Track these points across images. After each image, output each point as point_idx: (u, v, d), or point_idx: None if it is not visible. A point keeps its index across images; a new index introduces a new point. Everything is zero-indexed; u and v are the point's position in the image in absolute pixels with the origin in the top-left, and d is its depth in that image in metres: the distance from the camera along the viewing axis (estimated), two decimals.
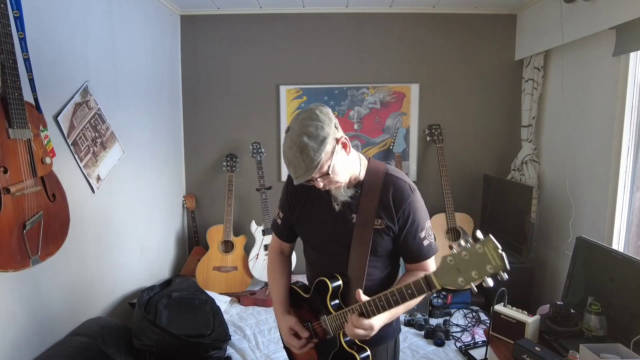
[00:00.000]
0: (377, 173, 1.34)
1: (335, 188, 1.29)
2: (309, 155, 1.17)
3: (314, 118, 1.20)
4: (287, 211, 1.47)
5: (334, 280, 1.33)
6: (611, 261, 1.93)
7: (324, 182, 1.25)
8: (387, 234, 1.32)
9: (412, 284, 1.13)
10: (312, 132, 1.18)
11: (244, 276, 3.31)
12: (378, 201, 1.30)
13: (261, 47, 3.43)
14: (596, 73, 2.50)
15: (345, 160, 1.27)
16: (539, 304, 2.45)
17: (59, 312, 2.01)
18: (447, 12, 3.36)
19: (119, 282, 2.58)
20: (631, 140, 2.27)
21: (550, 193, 3.01)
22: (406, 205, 1.30)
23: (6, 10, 1.50)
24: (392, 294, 1.16)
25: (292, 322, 1.41)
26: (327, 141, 1.19)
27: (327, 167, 1.21)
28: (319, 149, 1.17)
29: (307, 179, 1.21)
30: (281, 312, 1.46)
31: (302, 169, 1.19)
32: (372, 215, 1.30)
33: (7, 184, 1.54)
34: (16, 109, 1.56)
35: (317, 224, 1.39)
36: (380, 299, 1.18)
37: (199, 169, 3.58)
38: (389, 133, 3.52)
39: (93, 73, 2.25)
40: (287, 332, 1.41)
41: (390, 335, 1.44)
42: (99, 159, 2.31)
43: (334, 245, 1.37)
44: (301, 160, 1.18)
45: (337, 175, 1.24)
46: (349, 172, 1.30)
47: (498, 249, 0.96)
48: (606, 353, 1.60)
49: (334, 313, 1.30)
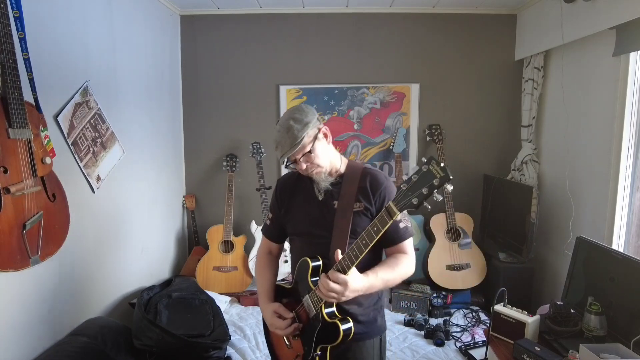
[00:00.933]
0: (356, 169, 1.49)
1: (316, 173, 1.43)
2: (293, 134, 1.36)
3: (300, 109, 1.42)
4: (276, 209, 1.58)
5: (315, 260, 1.41)
6: (611, 261, 1.93)
7: (307, 163, 1.40)
8: (366, 215, 1.42)
9: (375, 220, 1.21)
10: (297, 117, 1.38)
11: (244, 276, 3.31)
12: (357, 188, 1.44)
13: (261, 47, 3.43)
14: (596, 73, 2.50)
15: (326, 148, 1.44)
16: (539, 304, 2.45)
17: (59, 312, 2.01)
18: (447, 12, 3.36)
19: (119, 282, 2.58)
20: (631, 140, 2.27)
21: (550, 193, 3.01)
22: (382, 189, 1.43)
23: (6, 10, 1.51)
24: (360, 238, 1.24)
25: (276, 306, 1.48)
26: (309, 125, 1.38)
27: (309, 148, 1.38)
28: (303, 129, 1.36)
29: (291, 154, 1.37)
30: (265, 301, 1.53)
31: (287, 145, 1.36)
32: (352, 200, 1.42)
33: (7, 184, 1.54)
34: (16, 109, 1.56)
35: (303, 213, 1.51)
36: (352, 249, 1.25)
37: (199, 169, 3.58)
38: (389, 133, 3.52)
39: (93, 73, 2.25)
40: (271, 315, 1.47)
41: (375, 331, 1.50)
42: (99, 159, 2.31)
43: (317, 230, 1.46)
44: (287, 137, 1.36)
45: (318, 157, 1.40)
46: (330, 160, 1.46)
47: (440, 164, 1.07)
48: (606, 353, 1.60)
49: (314, 288, 1.36)
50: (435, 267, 3.15)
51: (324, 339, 1.36)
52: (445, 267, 3.15)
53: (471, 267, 3.16)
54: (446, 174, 1.06)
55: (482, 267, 3.17)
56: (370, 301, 1.48)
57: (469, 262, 3.17)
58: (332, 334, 1.34)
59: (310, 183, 1.49)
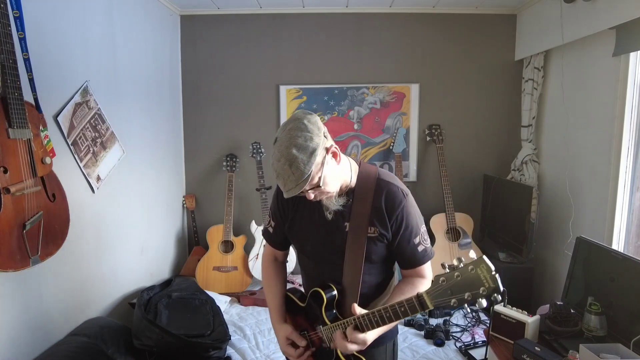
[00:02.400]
0: (369, 178, 1.32)
1: (326, 198, 1.27)
2: (299, 168, 1.13)
3: (302, 128, 1.15)
4: (279, 220, 1.45)
5: (329, 291, 1.32)
6: (611, 261, 1.93)
7: (315, 193, 1.22)
8: (381, 241, 1.30)
9: (405, 303, 1.10)
10: (301, 144, 1.13)
11: (244, 276, 3.31)
12: (370, 207, 1.28)
13: (261, 47, 3.43)
14: (596, 73, 2.50)
15: (335, 169, 1.24)
16: (539, 304, 2.45)
17: (58, 312, 2.01)
18: (447, 12, 3.36)
19: (119, 282, 2.58)
20: (631, 140, 2.27)
21: (550, 193, 3.01)
22: (399, 211, 1.28)
23: (6, 10, 1.50)
24: (385, 311, 1.14)
25: (289, 331, 1.39)
26: (316, 152, 1.14)
27: (317, 179, 1.18)
28: (309, 161, 1.13)
29: (298, 192, 1.17)
30: (277, 321, 1.45)
31: (292, 182, 1.15)
32: (365, 223, 1.28)
33: (7, 184, 1.54)
34: (16, 109, 1.56)
35: (309, 233, 1.37)
36: (374, 314, 1.16)
37: (199, 169, 3.58)
38: (389, 133, 3.52)
39: (93, 73, 2.25)
40: (284, 342, 1.40)
41: (388, 337, 1.42)
42: (99, 159, 2.31)
43: (327, 253, 1.35)
44: (290, 173, 1.13)
45: (327, 185, 1.21)
46: (340, 181, 1.28)
47: (491, 271, 0.95)
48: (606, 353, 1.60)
49: (330, 324, 1.29)
50: (434, 266, 3.14)
51: None
52: None
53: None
54: (497, 285, 0.94)
55: None
56: None
57: None
58: None
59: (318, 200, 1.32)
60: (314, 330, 1.37)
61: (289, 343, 1.40)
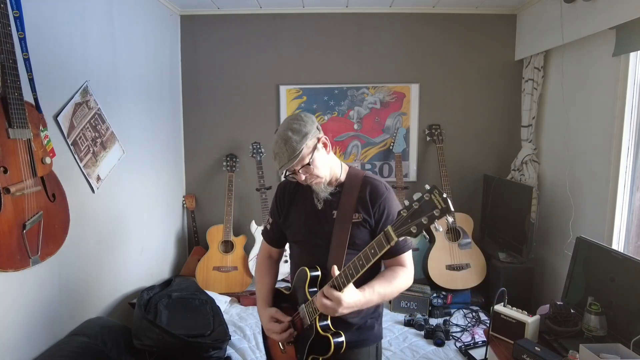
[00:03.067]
0: (357, 176, 1.47)
1: (315, 183, 1.41)
2: (292, 145, 1.32)
3: (298, 119, 1.37)
4: (276, 215, 1.57)
5: (313, 270, 1.41)
6: (611, 261, 1.93)
7: (306, 174, 1.38)
8: (364, 226, 1.41)
9: (373, 243, 1.20)
10: (295, 128, 1.34)
11: (244, 276, 3.31)
12: (356, 198, 1.42)
13: (261, 47, 3.43)
14: (596, 73, 2.50)
15: (325, 158, 1.41)
16: (539, 304, 2.45)
17: (59, 312, 2.01)
18: (447, 12, 3.36)
19: (119, 282, 2.58)
20: (631, 140, 2.27)
21: (550, 193, 3.01)
22: (382, 200, 1.41)
23: (6, 10, 1.51)
24: (358, 259, 1.23)
25: (273, 311, 1.49)
26: (308, 136, 1.34)
27: (307, 160, 1.35)
28: (301, 141, 1.33)
29: (290, 166, 1.34)
30: (262, 306, 1.55)
31: (285, 157, 1.33)
32: (351, 211, 1.40)
33: (7, 184, 1.54)
34: (16, 109, 1.56)
35: (302, 222, 1.49)
36: (348, 267, 1.24)
37: (199, 169, 3.58)
38: (389, 133, 3.52)
39: (93, 73, 2.25)
40: (269, 320, 1.48)
41: (371, 339, 1.49)
42: (99, 159, 2.31)
43: (316, 239, 1.45)
44: (285, 149, 1.33)
45: (317, 168, 1.37)
46: (329, 169, 1.43)
47: (442, 194, 1.05)
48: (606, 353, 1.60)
49: (311, 299, 1.36)
50: (435, 267, 3.15)
51: (316, 350, 1.37)
52: (445, 267, 3.15)
53: (471, 267, 3.16)
54: (447, 205, 1.03)
55: (482, 267, 3.17)
56: (369, 309, 1.46)
57: (468, 262, 3.17)
58: (325, 346, 1.34)
59: (310, 191, 1.47)
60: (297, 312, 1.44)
61: (272, 320, 1.48)
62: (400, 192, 3.29)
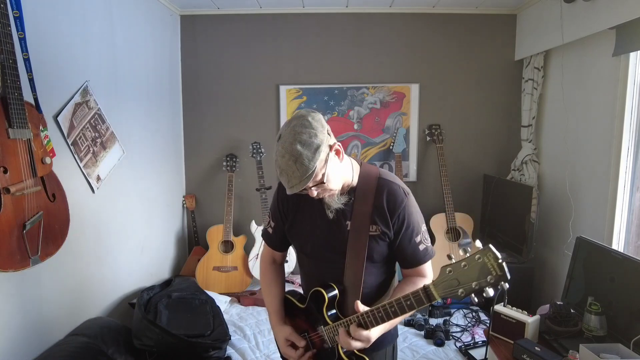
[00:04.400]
0: (370, 178, 1.32)
1: (328, 196, 1.26)
2: (303, 164, 1.13)
3: (306, 125, 1.16)
4: (279, 220, 1.43)
5: (330, 290, 1.31)
6: (611, 261, 1.93)
7: (318, 190, 1.21)
8: (383, 239, 1.29)
9: (411, 296, 1.09)
10: (305, 140, 1.13)
11: (244, 276, 3.31)
12: (372, 206, 1.28)
13: (261, 47, 3.43)
14: (596, 73, 2.50)
15: (338, 167, 1.24)
16: (539, 304, 2.45)
17: (58, 312, 2.01)
18: (447, 12, 3.36)
19: (119, 282, 2.58)
20: (631, 140, 2.27)
21: (550, 193, 3.01)
22: (401, 209, 1.28)
23: (6, 10, 1.50)
24: (390, 305, 1.13)
25: (288, 332, 1.38)
26: (321, 149, 1.15)
27: (321, 176, 1.17)
28: (314, 158, 1.13)
29: (302, 188, 1.16)
30: (276, 323, 1.44)
31: (296, 178, 1.14)
32: (367, 222, 1.27)
33: (7, 184, 1.54)
34: (16, 109, 1.56)
35: (310, 232, 1.36)
36: (379, 310, 1.15)
37: (199, 169, 3.58)
38: (389, 133, 3.52)
39: (93, 73, 2.25)
40: (284, 343, 1.39)
41: (388, 340, 1.42)
42: (99, 159, 2.31)
43: (328, 253, 1.34)
44: (295, 169, 1.13)
45: (331, 183, 1.21)
46: (342, 179, 1.27)
47: (498, 259, 0.95)
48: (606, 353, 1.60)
49: (331, 324, 1.28)
50: (435, 267, 3.14)
51: None
52: None
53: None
54: (504, 274, 0.94)
55: None
56: None
57: None
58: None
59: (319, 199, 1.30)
60: (314, 331, 1.36)
61: (288, 344, 1.39)
62: None
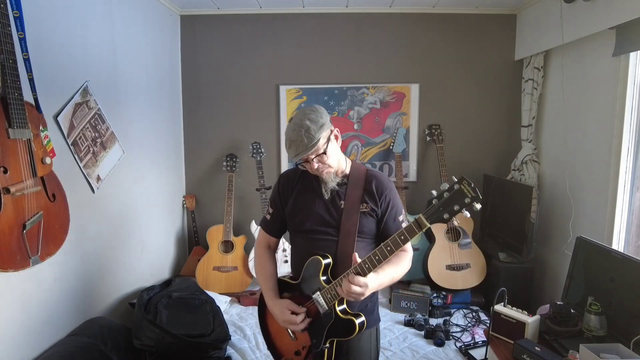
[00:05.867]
0: (360, 170, 1.57)
1: (326, 172, 1.48)
2: (310, 134, 1.39)
3: (314, 110, 1.46)
4: (278, 205, 1.62)
5: (325, 258, 1.47)
6: (611, 261, 1.93)
7: (319, 163, 1.45)
8: (372, 215, 1.51)
9: (403, 230, 1.29)
10: (313, 118, 1.42)
11: (244, 276, 3.31)
12: (362, 190, 1.51)
13: (261, 47, 3.43)
14: (596, 73, 2.50)
15: (336, 149, 1.51)
16: (539, 304, 2.45)
17: (58, 312, 2.01)
18: (447, 12, 3.36)
19: (119, 282, 2.58)
20: (631, 140, 2.27)
21: (550, 193, 3.01)
22: (387, 192, 1.52)
23: (6, 10, 1.50)
24: (385, 245, 1.31)
25: (287, 302, 1.51)
26: (325, 126, 1.43)
27: (322, 149, 1.43)
28: (319, 130, 1.41)
29: (307, 154, 1.41)
30: (272, 297, 1.56)
31: (303, 145, 1.40)
32: (358, 201, 1.50)
33: (7, 184, 1.54)
34: (16, 109, 1.56)
35: (309, 211, 1.54)
36: (375, 253, 1.33)
37: (199, 169, 3.58)
38: (388, 133, 3.52)
39: (93, 73, 2.25)
40: (283, 311, 1.49)
41: (371, 322, 1.57)
42: (99, 159, 2.31)
43: (323, 228, 1.52)
44: (303, 138, 1.39)
45: (330, 158, 1.46)
46: (338, 161, 1.51)
47: (471, 184, 1.20)
48: (606, 353, 1.60)
49: (327, 286, 1.43)
50: (435, 267, 3.15)
51: (335, 333, 1.44)
52: (445, 267, 3.15)
53: (471, 267, 3.16)
54: (477, 194, 1.18)
55: (482, 267, 3.17)
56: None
57: (469, 262, 3.17)
58: (345, 329, 1.42)
59: (316, 181, 1.54)
60: (308, 301, 1.48)
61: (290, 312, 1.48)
62: (400, 192, 3.29)
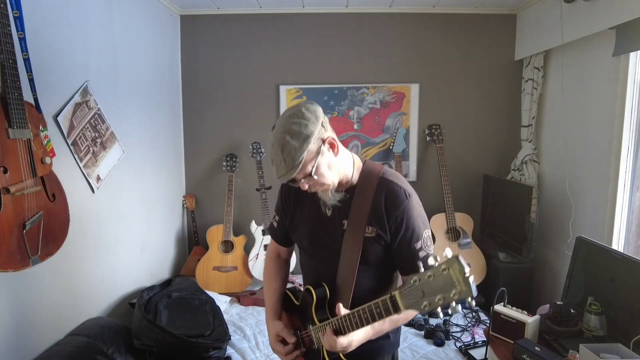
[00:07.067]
0: (372, 176, 1.26)
1: (322, 191, 1.22)
2: (290, 154, 1.11)
3: (299, 115, 1.14)
4: (282, 214, 1.42)
5: (320, 290, 1.28)
6: (611, 261, 1.93)
7: (309, 183, 1.18)
8: (379, 242, 1.24)
9: (379, 302, 1.03)
10: (295, 130, 1.12)
11: (244, 276, 3.31)
12: (370, 206, 1.23)
13: (261, 47, 3.43)
14: (596, 73, 2.50)
15: (332, 161, 1.20)
16: (539, 304, 2.45)
17: (59, 311, 2.01)
18: (447, 12, 3.36)
19: (119, 282, 2.58)
20: (631, 140, 2.27)
21: (550, 193, 3.01)
22: (399, 212, 1.21)
23: (6, 10, 1.50)
24: (363, 312, 1.07)
25: (279, 328, 1.36)
26: (310, 140, 1.12)
27: (310, 168, 1.15)
28: (301, 148, 1.11)
29: (289, 179, 1.15)
30: (270, 317, 1.42)
31: (283, 168, 1.13)
32: (364, 222, 1.22)
33: (7, 184, 1.54)
34: (16, 109, 1.56)
35: (307, 228, 1.34)
36: (353, 315, 1.09)
37: (199, 169, 3.58)
38: (388, 133, 3.52)
39: (93, 73, 2.25)
40: (274, 338, 1.37)
41: (386, 349, 1.36)
42: (99, 159, 2.31)
43: (323, 250, 1.32)
44: (282, 159, 1.12)
45: (322, 177, 1.17)
46: (338, 174, 1.23)
47: (464, 273, 0.84)
48: (606, 353, 1.60)
49: (318, 324, 1.25)
50: None
51: None
52: None
53: (471, 267, 3.15)
54: (469, 289, 0.83)
55: (482, 267, 3.17)
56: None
57: (469, 262, 3.15)
58: None
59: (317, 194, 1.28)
60: (305, 330, 1.34)
61: (278, 340, 1.37)
62: None
